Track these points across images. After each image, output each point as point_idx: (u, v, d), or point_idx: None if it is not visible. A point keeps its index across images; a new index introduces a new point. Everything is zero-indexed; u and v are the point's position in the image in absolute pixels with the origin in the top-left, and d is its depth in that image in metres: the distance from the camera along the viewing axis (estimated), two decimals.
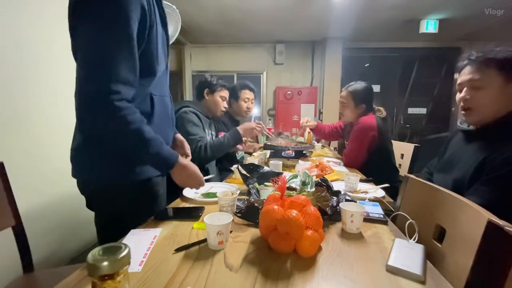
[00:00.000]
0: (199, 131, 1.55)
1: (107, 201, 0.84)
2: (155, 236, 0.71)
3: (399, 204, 0.98)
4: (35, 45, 1.63)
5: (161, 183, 0.95)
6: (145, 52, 0.75)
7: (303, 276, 0.55)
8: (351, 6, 3.06)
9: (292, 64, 4.60)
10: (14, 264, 1.00)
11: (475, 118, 0.92)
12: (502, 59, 0.84)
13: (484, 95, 0.88)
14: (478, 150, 0.87)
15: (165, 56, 0.89)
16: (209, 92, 1.76)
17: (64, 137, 1.82)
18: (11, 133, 1.48)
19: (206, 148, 1.48)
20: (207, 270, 0.56)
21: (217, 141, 1.57)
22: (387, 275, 0.56)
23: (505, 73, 0.84)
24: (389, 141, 1.77)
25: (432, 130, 4.59)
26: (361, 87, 1.78)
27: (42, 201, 1.67)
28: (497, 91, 0.86)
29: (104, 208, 0.87)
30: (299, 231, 0.61)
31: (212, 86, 1.76)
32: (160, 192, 0.94)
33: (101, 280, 0.31)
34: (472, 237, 0.59)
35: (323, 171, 1.41)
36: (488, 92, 0.87)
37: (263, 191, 1.01)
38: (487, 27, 3.54)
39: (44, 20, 1.69)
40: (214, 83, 1.77)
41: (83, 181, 0.86)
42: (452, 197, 0.72)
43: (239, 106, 2.13)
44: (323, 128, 2.30)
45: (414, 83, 4.53)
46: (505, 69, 0.84)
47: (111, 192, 0.82)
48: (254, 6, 3.12)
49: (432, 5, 3.06)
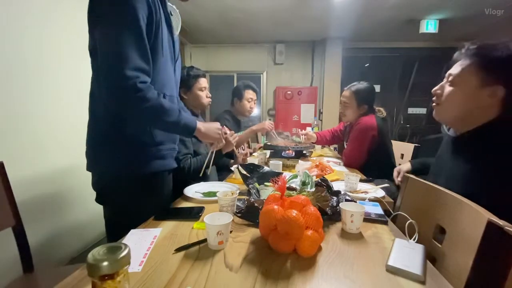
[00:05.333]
0: None
1: (119, 195, 0.89)
2: (155, 236, 0.71)
3: (399, 204, 0.98)
4: (35, 44, 1.63)
5: (167, 178, 1.01)
6: (152, 49, 0.82)
7: (303, 276, 0.55)
8: (351, 6, 3.06)
9: (292, 64, 4.59)
10: (14, 264, 1.01)
11: (440, 116, 0.89)
12: (487, 58, 0.77)
13: (454, 92, 0.83)
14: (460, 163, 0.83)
15: (172, 58, 0.95)
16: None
17: (64, 137, 1.83)
18: (11, 133, 1.48)
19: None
20: (207, 270, 0.56)
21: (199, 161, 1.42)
22: (387, 275, 0.56)
23: (483, 76, 0.77)
24: (389, 141, 1.77)
25: (432, 130, 4.59)
26: (364, 87, 1.78)
27: (42, 201, 1.67)
28: (468, 92, 0.80)
29: (115, 201, 0.91)
30: (299, 231, 0.61)
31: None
32: (166, 188, 1.01)
33: (101, 280, 0.31)
34: (472, 237, 0.59)
35: (323, 171, 1.41)
36: (459, 90, 0.82)
37: (263, 191, 1.01)
38: (487, 27, 3.54)
39: (44, 20, 1.69)
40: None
41: (99, 174, 0.91)
42: (452, 197, 0.72)
43: (242, 106, 2.13)
44: (324, 136, 2.26)
45: (414, 83, 4.52)
46: (483, 71, 0.77)
47: (122, 186, 0.88)
48: (254, 6, 3.12)
49: (432, 5, 3.06)
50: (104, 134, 0.86)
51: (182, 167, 1.28)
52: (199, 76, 1.61)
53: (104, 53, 0.76)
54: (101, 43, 0.76)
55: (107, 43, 0.75)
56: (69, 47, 1.86)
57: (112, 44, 0.74)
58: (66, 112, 1.86)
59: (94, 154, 0.89)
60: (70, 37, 1.86)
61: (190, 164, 1.32)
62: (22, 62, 1.55)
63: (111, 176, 0.89)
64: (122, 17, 0.74)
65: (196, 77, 1.60)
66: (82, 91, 2.00)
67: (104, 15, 0.75)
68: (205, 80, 1.67)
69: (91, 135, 0.90)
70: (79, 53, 1.98)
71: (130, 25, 0.75)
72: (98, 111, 0.87)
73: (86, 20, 0.83)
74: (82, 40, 2.18)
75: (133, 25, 0.75)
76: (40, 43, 1.66)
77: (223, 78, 4.60)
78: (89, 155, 0.90)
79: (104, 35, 0.76)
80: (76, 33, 1.90)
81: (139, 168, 0.89)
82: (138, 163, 0.88)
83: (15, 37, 1.51)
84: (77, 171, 1.90)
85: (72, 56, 1.90)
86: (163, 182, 0.99)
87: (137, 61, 0.76)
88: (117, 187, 0.89)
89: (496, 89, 0.76)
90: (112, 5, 0.74)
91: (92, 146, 0.89)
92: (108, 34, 0.75)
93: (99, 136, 0.87)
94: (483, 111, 0.79)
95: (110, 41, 0.75)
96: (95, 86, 0.88)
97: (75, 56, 1.92)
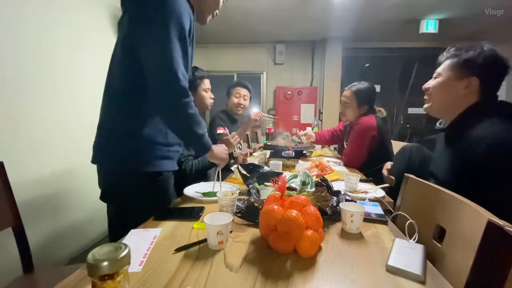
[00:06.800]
0: None
1: (124, 193, 0.91)
2: (155, 236, 0.71)
3: (399, 204, 0.98)
4: (35, 44, 1.63)
5: (170, 178, 1.03)
6: None
7: (303, 276, 0.55)
8: (351, 6, 3.06)
9: (292, 64, 4.59)
10: (14, 264, 1.00)
11: (429, 109, 1.03)
12: (462, 56, 0.92)
13: (437, 84, 0.98)
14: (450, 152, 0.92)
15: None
16: None
17: (64, 137, 1.83)
18: (11, 133, 1.49)
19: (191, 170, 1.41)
20: (207, 270, 0.56)
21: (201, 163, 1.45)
22: (387, 275, 0.56)
23: (458, 70, 0.93)
24: (389, 141, 1.77)
25: (432, 130, 4.56)
26: (364, 87, 1.78)
27: (42, 201, 1.67)
28: (446, 82, 0.95)
29: (120, 199, 0.93)
30: (299, 231, 0.61)
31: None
32: (170, 188, 1.03)
33: (101, 280, 0.31)
34: (472, 237, 0.59)
35: (323, 171, 1.41)
36: (441, 80, 0.97)
37: (263, 191, 1.01)
38: (487, 27, 3.54)
39: (45, 19, 1.69)
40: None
41: (106, 168, 0.94)
42: (452, 197, 0.72)
43: (231, 102, 2.14)
44: (323, 136, 2.27)
45: (414, 83, 4.52)
46: (458, 66, 0.93)
47: (128, 182, 0.90)
48: (254, 6, 3.12)
49: (432, 5, 3.06)
50: (121, 129, 0.89)
51: (184, 168, 1.29)
52: (203, 77, 1.63)
53: (155, 57, 0.79)
54: (150, 45, 0.80)
55: (158, 47, 0.79)
56: (68, 48, 1.86)
57: (164, 50, 0.79)
58: (66, 112, 1.86)
59: (106, 145, 0.91)
60: (69, 38, 1.86)
61: (192, 166, 1.33)
62: (22, 62, 1.55)
63: (118, 170, 0.90)
64: (173, 25, 0.79)
65: (201, 78, 1.62)
66: (82, 91, 2.01)
67: (154, 21, 0.79)
68: (209, 81, 1.69)
69: (106, 127, 0.91)
70: (79, 54, 1.98)
71: (180, 35, 0.81)
72: (118, 106, 0.89)
73: (86, 21, 0.84)
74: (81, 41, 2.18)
75: (182, 35, 0.82)
76: (39, 43, 1.66)
77: (223, 78, 4.59)
78: (100, 147, 0.92)
79: (155, 40, 0.79)
80: (75, 33, 1.90)
81: (148, 165, 0.91)
82: (147, 160, 0.91)
83: (14, 37, 1.51)
84: (77, 171, 1.91)
85: (72, 57, 1.90)
86: (168, 182, 1.01)
87: (184, 69, 0.83)
88: (123, 184, 0.90)
89: (470, 80, 0.90)
90: (164, 15, 0.79)
91: (105, 138, 0.91)
92: (160, 39, 0.79)
93: (114, 130, 0.89)
94: (462, 100, 0.93)
95: (162, 45, 0.79)
96: (121, 82, 0.89)
97: (75, 57, 1.93)
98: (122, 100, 0.88)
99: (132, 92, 0.87)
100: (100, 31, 2.20)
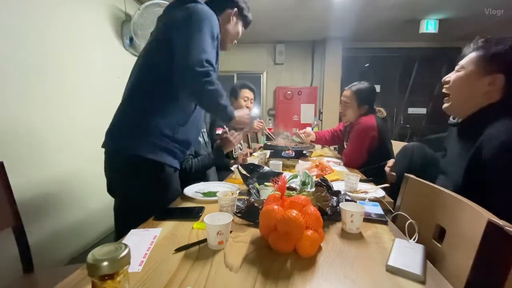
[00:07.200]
0: None
1: (131, 185, 0.98)
2: (155, 236, 0.71)
3: (399, 204, 0.98)
4: (36, 44, 1.63)
5: (174, 175, 1.08)
6: None
7: (303, 276, 0.55)
8: (351, 6, 3.06)
9: (292, 64, 4.59)
10: (14, 264, 1.00)
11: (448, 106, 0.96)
12: (489, 50, 0.84)
13: (459, 78, 0.91)
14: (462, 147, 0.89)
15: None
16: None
17: (64, 137, 1.83)
18: (11, 133, 1.48)
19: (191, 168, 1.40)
20: (207, 270, 0.56)
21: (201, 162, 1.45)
22: (387, 275, 0.56)
23: (484, 65, 0.85)
24: (389, 141, 1.77)
25: (432, 130, 4.58)
26: (365, 87, 1.78)
27: (42, 201, 1.67)
28: (468, 77, 0.88)
29: (126, 189, 0.99)
30: (299, 231, 0.61)
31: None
32: (174, 183, 1.08)
33: (101, 280, 0.31)
34: (472, 237, 0.59)
35: (323, 171, 1.41)
36: (463, 74, 0.89)
37: (263, 191, 1.01)
38: (487, 27, 3.54)
39: (45, 19, 1.69)
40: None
41: (114, 153, 1.00)
42: (452, 197, 0.72)
43: (238, 105, 2.13)
44: (323, 136, 2.26)
45: (414, 83, 4.52)
46: (484, 61, 0.85)
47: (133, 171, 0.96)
48: (254, 6, 3.11)
49: (432, 5, 3.05)
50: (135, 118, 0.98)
51: (184, 167, 1.29)
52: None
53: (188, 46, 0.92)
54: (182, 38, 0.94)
55: (192, 41, 0.92)
56: (69, 48, 1.86)
57: (197, 42, 0.92)
58: (67, 112, 1.86)
59: (119, 132, 0.99)
60: (71, 38, 1.86)
61: (192, 165, 1.33)
62: (22, 62, 1.55)
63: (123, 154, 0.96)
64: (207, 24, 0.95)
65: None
66: (82, 91, 2.01)
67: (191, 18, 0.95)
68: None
69: (122, 115, 1.00)
70: (79, 54, 1.98)
71: (211, 33, 0.96)
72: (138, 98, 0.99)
73: (86, 21, 0.84)
74: (81, 41, 2.18)
75: (213, 34, 0.97)
76: (42, 44, 1.66)
77: (223, 78, 4.60)
78: (112, 133, 1.00)
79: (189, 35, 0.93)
80: (75, 34, 1.90)
81: (150, 153, 0.96)
82: (150, 147, 0.96)
83: (16, 37, 1.51)
84: (78, 171, 1.91)
85: (73, 57, 1.90)
86: (171, 177, 1.05)
87: (212, 58, 0.95)
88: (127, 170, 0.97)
89: (496, 77, 0.83)
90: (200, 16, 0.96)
91: (118, 125, 1.00)
92: (193, 37, 0.93)
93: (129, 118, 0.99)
94: (482, 97, 0.86)
95: (195, 40, 0.92)
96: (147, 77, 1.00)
97: (75, 57, 1.93)
98: (142, 95, 0.98)
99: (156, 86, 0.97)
100: (100, 31, 2.19)
